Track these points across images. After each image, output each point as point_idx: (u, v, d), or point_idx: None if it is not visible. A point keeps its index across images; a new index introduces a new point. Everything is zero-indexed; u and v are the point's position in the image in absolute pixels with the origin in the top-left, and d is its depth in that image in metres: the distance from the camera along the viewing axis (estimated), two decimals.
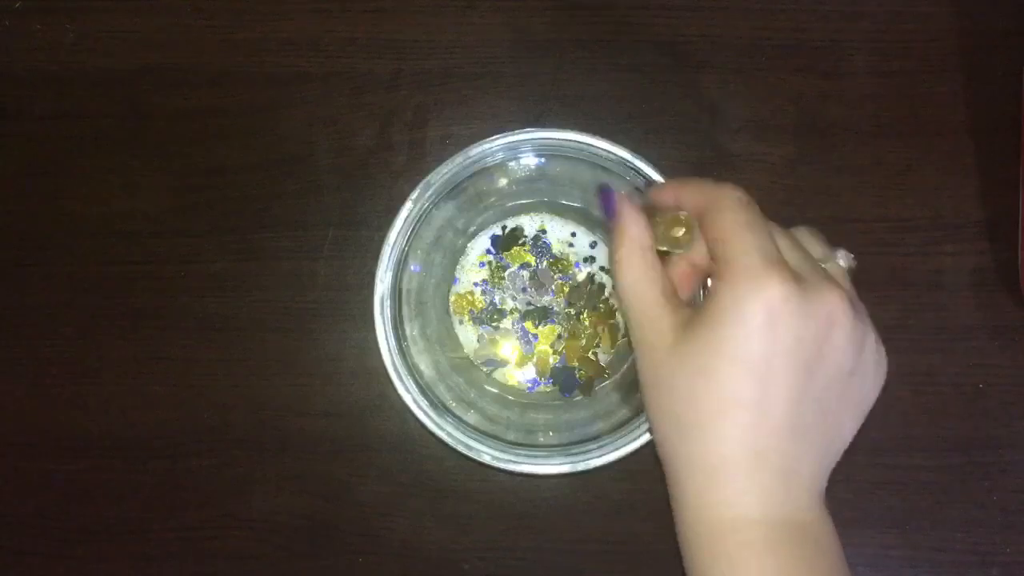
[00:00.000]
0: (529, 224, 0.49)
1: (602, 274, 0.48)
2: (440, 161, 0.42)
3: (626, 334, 0.47)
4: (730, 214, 0.31)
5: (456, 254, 0.48)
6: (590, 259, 0.48)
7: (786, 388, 0.29)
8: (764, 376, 0.29)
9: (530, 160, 0.45)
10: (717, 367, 0.29)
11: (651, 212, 0.33)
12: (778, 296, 0.28)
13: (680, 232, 0.33)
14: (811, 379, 0.29)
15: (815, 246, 0.33)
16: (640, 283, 0.32)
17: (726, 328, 0.29)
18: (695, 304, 0.33)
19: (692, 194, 0.33)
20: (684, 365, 0.30)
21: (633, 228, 0.32)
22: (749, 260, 0.29)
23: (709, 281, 0.34)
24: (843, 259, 0.33)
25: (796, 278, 0.29)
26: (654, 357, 0.31)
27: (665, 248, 0.33)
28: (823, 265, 0.32)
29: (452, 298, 0.48)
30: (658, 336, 0.31)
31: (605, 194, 0.33)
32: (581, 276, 0.48)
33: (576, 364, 0.47)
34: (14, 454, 0.49)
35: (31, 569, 0.49)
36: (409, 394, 0.41)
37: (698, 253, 0.33)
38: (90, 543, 0.49)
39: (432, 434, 0.41)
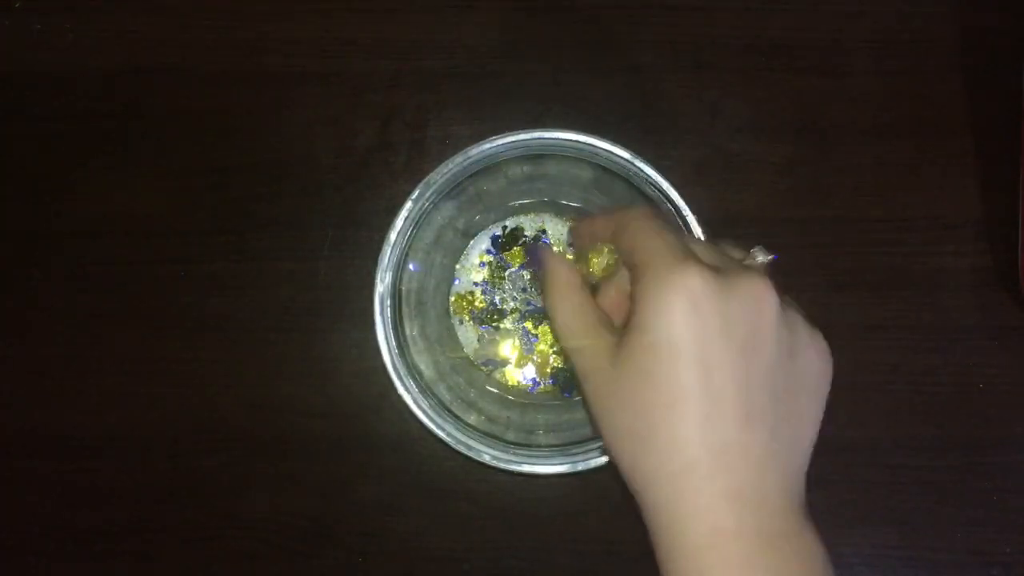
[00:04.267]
0: (529, 224, 0.49)
1: None
2: (440, 161, 0.42)
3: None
4: (637, 223, 0.31)
5: (456, 254, 0.48)
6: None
7: (729, 370, 0.28)
8: (702, 361, 0.28)
9: (530, 160, 0.45)
10: (655, 365, 0.29)
11: (579, 254, 0.35)
12: (696, 281, 0.28)
13: (603, 260, 0.34)
14: (752, 359, 0.29)
15: (732, 250, 0.33)
16: (574, 316, 0.32)
17: (652, 323, 0.29)
18: None
19: (604, 224, 0.34)
20: (625, 375, 0.29)
21: (559, 269, 0.33)
22: (661, 257, 0.29)
23: None
24: (760, 254, 0.33)
25: (713, 267, 0.29)
26: (597, 379, 0.31)
27: (597, 280, 0.35)
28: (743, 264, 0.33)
29: (452, 298, 0.48)
30: (597, 358, 0.31)
31: (532, 250, 0.36)
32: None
33: None
34: (14, 454, 0.49)
35: (31, 569, 0.49)
36: (409, 394, 0.41)
37: (619, 283, 0.33)
38: (90, 543, 0.49)
39: (432, 434, 0.41)
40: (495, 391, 0.47)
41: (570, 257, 0.35)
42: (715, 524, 0.28)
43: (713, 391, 0.28)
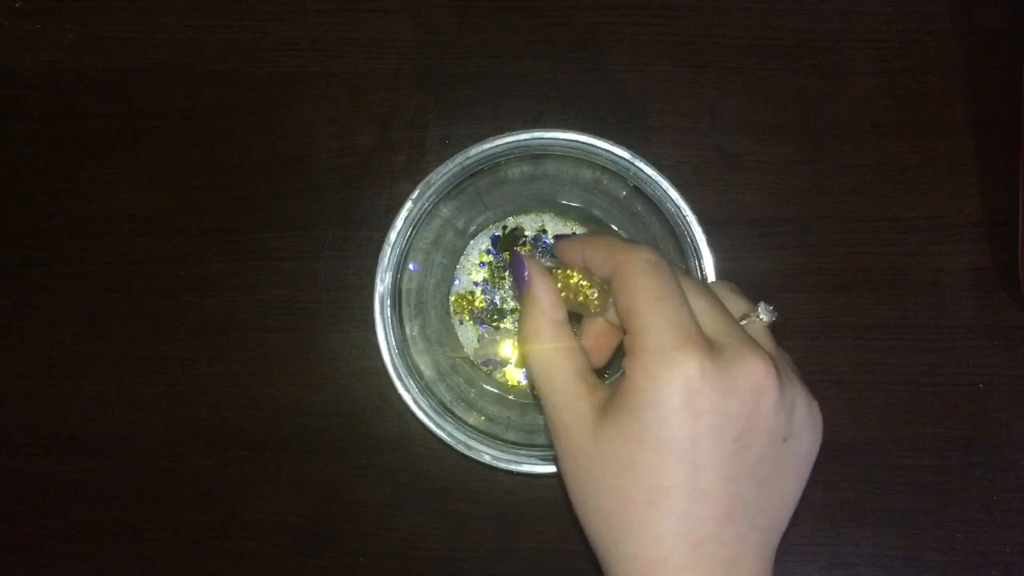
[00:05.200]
0: (529, 224, 0.49)
1: None
2: (440, 161, 0.42)
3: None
4: (639, 281, 0.29)
5: (456, 254, 0.48)
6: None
7: (717, 469, 0.27)
8: (691, 460, 0.27)
9: (530, 160, 0.45)
10: (641, 456, 0.27)
11: (561, 270, 0.32)
12: (695, 374, 0.26)
13: (593, 296, 0.31)
14: (743, 454, 0.28)
15: (735, 302, 0.32)
16: (553, 362, 0.30)
17: (644, 413, 0.27)
18: (611, 367, 0.32)
19: (600, 255, 0.30)
20: (606, 457, 0.28)
21: (544, 300, 0.30)
22: (661, 336, 0.27)
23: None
24: (764, 313, 0.31)
25: (713, 350, 0.27)
26: (573, 445, 0.29)
27: (577, 310, 0.32)
28: (744, 322, 0.31)
29: (452, 298, 0.48)
30: (576, 421, 0.29)
31: (516, 260, 0.31)
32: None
33: None
34: (14, 454, 0.49)
35: (31, 569, 0.49)
36: (409, 394, 0.41)
37: (608, 322, 0.31)
38: (90, 543, 0.49)
39: (432, 434, 0.41)
40: (495, 391, 0.47)
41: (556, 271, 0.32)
42: None
43: (699, 489, 0.27)
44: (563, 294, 0.31)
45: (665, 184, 0.42)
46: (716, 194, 0.49)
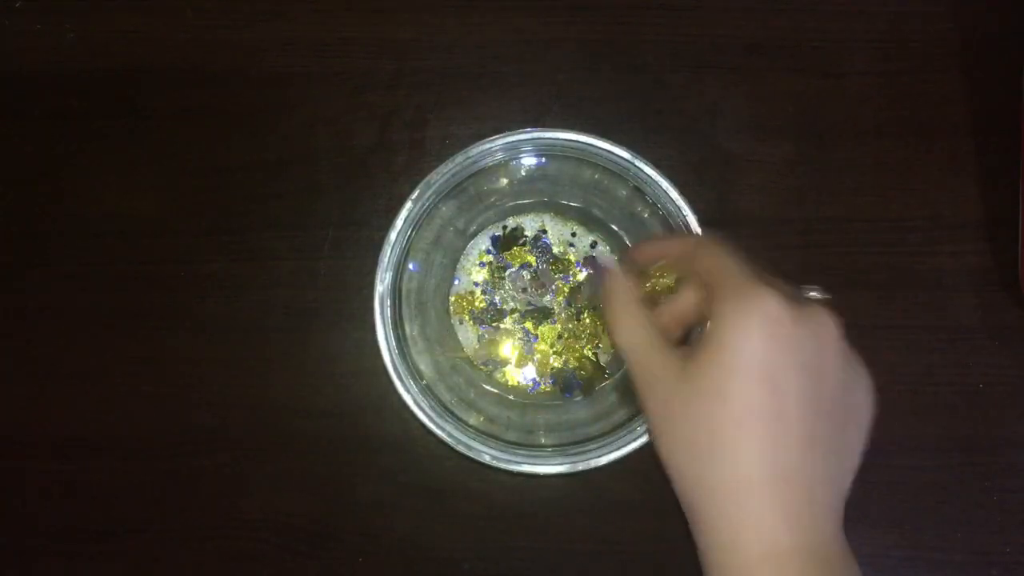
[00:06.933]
0: (529, 224, 0.49)
1: None
2: (440, 161, 0.42)
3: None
4: (716, 247, 0.33)
5: (456, 254, 0.48)
6: (590, 259, 0.48)
7: (799, 396, 0.29)
8: (776, 385, 0.29)
9: (530, 160, 0.45)
10: (729, 383, 0.29)
11: (636, 273, 0.36)
12: (775, 305, 0.29)
13: (668, 278, 0.36)
14: (820, 387, 0.30)
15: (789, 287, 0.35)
16: (636, 329, 0.33)
17: (732, 342, 0.30)
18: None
19: (675, 245, 0.36)
20: (694, 389, 0.30)
21: (619, 284, 0.35)
22: (742, 278, 0.31)
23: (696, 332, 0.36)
24: (817, 293, 0.34)
25: (785, 294, 0.30)
26: (662, 389, 0.32)
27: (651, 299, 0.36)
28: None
29: (452, 298, 0.48)
30: (662, 369, 0.32)
31: (591, 262, 0.37)
32: (581, 276, 0.48)
33: (576, 364, 0.47)
34: (14, 454, 0.49)
35: (31, 569, 0.49)
36: (409, 394, 0.42)
37: (681, 301, 0.34)
38: (90, 543, 0.49)
39: (432, 434, 0.41)
40: (495, 391, 0.47)
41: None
42: (774, 541, 0.29)
43: (783, 413, 0.29)
44: (644, 285, 0.36)
45: (665, 184, 0.42)
46: (716, 194, 0.49)
